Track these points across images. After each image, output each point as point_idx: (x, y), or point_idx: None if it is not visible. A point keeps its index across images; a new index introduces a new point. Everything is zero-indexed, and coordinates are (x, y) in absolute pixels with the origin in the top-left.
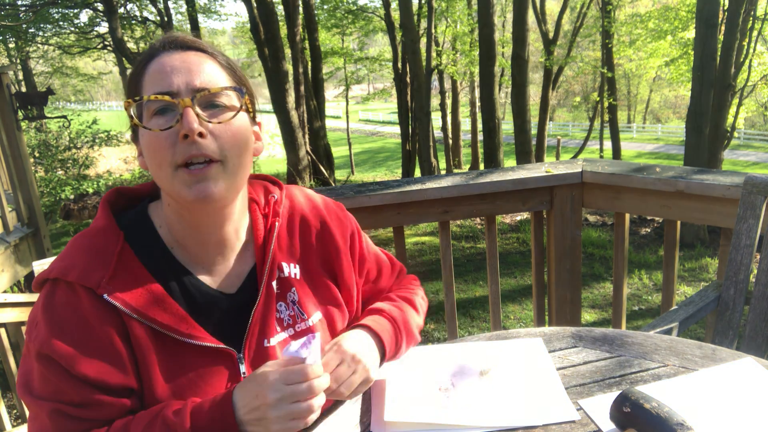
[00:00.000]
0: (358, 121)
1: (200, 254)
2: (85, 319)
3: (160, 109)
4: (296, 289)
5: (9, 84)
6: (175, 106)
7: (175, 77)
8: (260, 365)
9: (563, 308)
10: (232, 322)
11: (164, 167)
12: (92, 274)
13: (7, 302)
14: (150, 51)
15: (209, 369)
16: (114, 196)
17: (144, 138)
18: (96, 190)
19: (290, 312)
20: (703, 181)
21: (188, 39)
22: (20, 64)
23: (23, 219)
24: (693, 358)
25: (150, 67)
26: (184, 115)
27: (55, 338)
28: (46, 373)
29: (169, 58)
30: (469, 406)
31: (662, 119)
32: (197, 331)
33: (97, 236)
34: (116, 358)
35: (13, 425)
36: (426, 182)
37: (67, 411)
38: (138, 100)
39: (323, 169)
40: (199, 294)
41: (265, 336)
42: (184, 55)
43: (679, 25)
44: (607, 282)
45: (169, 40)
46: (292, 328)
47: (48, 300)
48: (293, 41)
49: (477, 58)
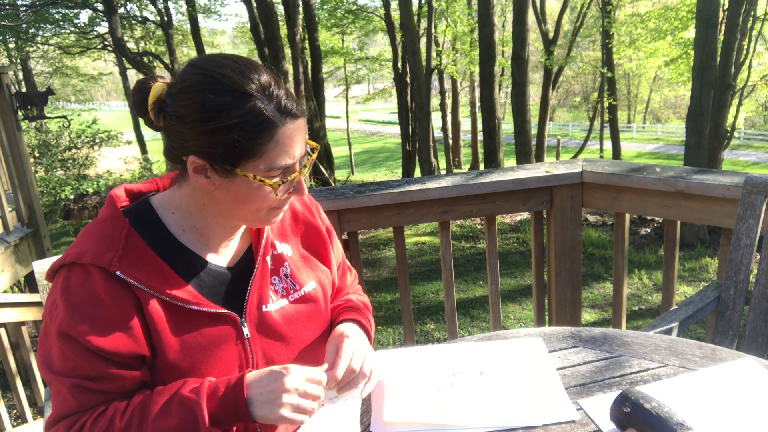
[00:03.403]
0: (358, 121)
1: (213, 237)
2: (100, 296)
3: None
4: (288, 264)
5: (9, 84)
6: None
7: (295, 149)
8: (260, 326)
9: (563, 308)
10: (233, 292)
11: (261, 210)
12: (104, 255)
13: (7, 302)
14: (271, 121)
15: (216, 331)
16: (119, 190)
17: (255, 187)
18: (96, 190)
19: (283, 285)
20: (703, 181)
21: (300, 108)
22: (20, 64)
23: (23, 219)
24: (693, 358)
25: (276, 137)
26: (300, 184)
27: (73, 317)
28: (66, 350)
29: (294, 130)
30: (468, 406)
31: (662, 119)
32: (202, 300)
33: (104, 223)
34: (130, 331)
35: (13, 425)
36: (426, 182)
37: (85, 385)
38: (285, 180)
39: (323, 169)
40: (203, 270)
41: (262, 302)
42: (298, 123)
43: (679, 25)
44: (607, 282)
45: (287, 110)
46: (285, 298)
47: (65, 283)
48: (293, 41)
49: (477, 58)
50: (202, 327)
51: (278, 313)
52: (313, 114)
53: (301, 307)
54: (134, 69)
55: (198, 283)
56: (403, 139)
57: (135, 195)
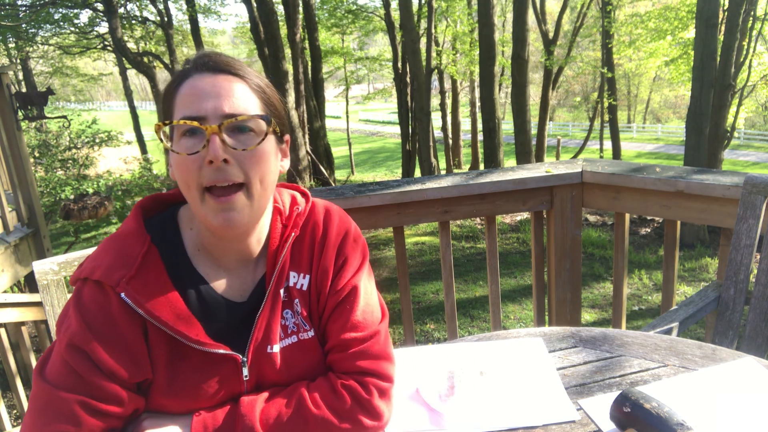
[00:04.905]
0: (358, 121)
1: (222, 260)
2: (113, 316)
3: (188, 131)
4: (299, 301)
5: (9, 84)
6: (203, 131)
7: (205, 102)
8: (261, 368)
9: (563, 308)
10: (241, 327)
11: (192, 189)
12: (114, 273)
13: (7, 302)
14: (183, 72)
15: (213, 370)
16: (150, 202)
17: (173, 158)
18: (96, 190)
19: (295, 320)
20: (703, 181)
21: (221, 60)
22: (20, 64)
23: (23, 219)
24: (693, 358)
25: (182, 89)
26: (210, 142)
27: (85, 333)
28: (72, 363)
29: (201, 81)
30: (469, 406)
31: (662, 119)
32: (204, 338)
33: (124, 239)
34: (139, 356)
35: (13, 425)
36: (426, 182)
37: (89, 403)
38: (168, 123)
39: (323, 169)
40: (213, 302)
41: (268, 342)
42: (215, 78)
43: (679, 25)
44: (607, 282)
45: (202, 61)
46: (296, 335)
47: (77, 297)
48: (293, 41)
49: (477, 58)
50: (199, 365)
51: (284, 352)
52: (313, 114)
53: (309, 350)
54: (134, 69)
55: (205, 314)
56: (403, 139)
57: (166, 203)
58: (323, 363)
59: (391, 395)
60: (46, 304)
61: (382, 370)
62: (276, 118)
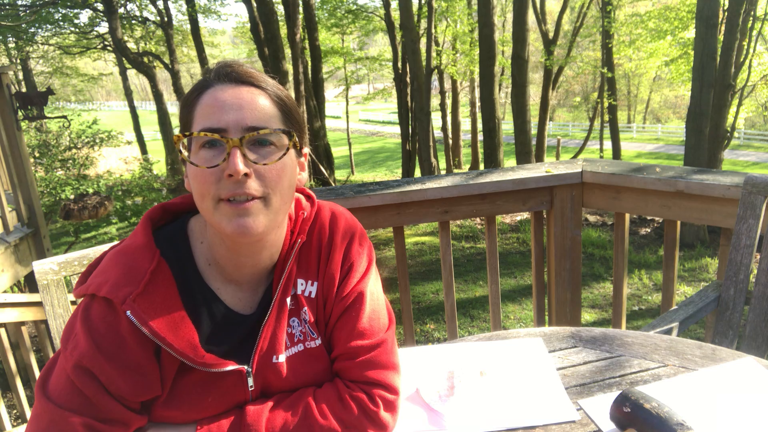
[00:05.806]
0: (358, 121)
1: (234, 273)
2: (122, 335)
3: (208, 143)
4: (307, 309)
5: (9, 84)
6: (224, 144)
7: (226, 114)
8: (266, 378)
9: (563, 308)
10: (248, 339)
11: (207, 200)
12: (121, 289)
13: (7, 302)
14: (203, 82)
15: (218, 384)
16: (158, 213)
17: (190, 169)
18: (96, 191)
19: (302, 329)
20: (703, 181)
21: (243, 71)
22: (20, 64)
23: (23, 219)
24: (693, 358)
25: (202, 100)
26: (231, 155)
27: (94, 354)
28: (80, 384)
29: (222, 92)
30: (469, 406)
31: (662, 119)
32: (210, 359)
33: (133, 254)
34: (148, 375)
35: (13, 425)
36: (426, 182)
37: (94, 425)
38: (188, 135)
39: (323, 169)
40: (222, 318)
41: (273, 352)
42: (237, 89)
43: (679, 25)
44: (607, 282)
45: (224, 71)
46: (302, 344)
47: (85, 313)
48: (293, 41)
49: (477, 58)
50: (205, 378)
51: (290, 362)
52: (313, 114)
53: (315, 359)
54: (134, 69)
55: (214, 332)
56: (403, 139)
57: (175, 213)
58: (329, 371)
59: (397, 407)
60: (46, 304)
61: (389, 382)
62: (296, 132)
